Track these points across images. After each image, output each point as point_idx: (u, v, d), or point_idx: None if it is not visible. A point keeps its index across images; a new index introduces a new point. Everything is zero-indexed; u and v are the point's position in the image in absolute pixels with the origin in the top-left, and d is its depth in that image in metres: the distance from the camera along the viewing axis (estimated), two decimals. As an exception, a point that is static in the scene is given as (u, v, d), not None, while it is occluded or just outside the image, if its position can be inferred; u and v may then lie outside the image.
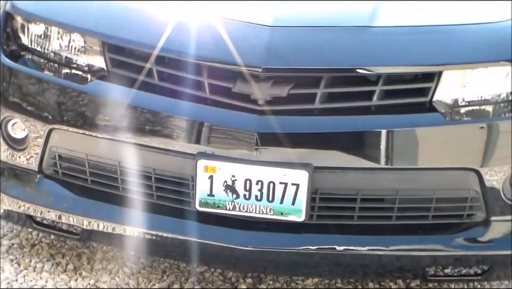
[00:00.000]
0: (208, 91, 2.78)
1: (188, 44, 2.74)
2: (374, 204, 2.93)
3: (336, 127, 2.74)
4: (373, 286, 3.39)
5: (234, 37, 2.72)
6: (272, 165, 2.75)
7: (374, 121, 2.77)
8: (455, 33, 2.86)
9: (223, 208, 2.83)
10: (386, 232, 2.93)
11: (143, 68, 2.82)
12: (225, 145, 2.78)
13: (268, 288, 3.34)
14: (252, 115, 2.74)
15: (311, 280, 3.40)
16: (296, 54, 2.75)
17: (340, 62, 2.74)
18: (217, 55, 2.73)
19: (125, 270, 3.40)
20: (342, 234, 2.91)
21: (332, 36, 2.81)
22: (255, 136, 2.71)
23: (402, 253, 2.95)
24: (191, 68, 2.76)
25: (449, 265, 3.08)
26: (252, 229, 2.88)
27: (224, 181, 2.79)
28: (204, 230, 2.91)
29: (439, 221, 2.95)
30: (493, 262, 3.02)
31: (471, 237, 2.96)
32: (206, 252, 2.94)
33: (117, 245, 3.26)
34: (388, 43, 2.80)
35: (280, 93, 2.72)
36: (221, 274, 3.41)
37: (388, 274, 3.16)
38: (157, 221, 2.96)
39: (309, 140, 2.76)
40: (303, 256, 2.93)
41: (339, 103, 2.77)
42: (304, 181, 2.73)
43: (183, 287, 3.31)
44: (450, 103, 2.79)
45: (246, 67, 2.68)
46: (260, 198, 2.78)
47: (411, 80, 2.83)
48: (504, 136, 2.83)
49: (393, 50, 2.79)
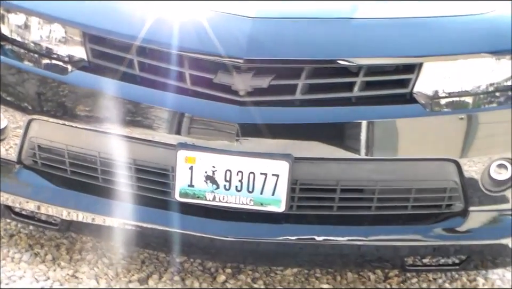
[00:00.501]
0: (189, 82, 2.77)
1: (169, 35, 2.73)
2: (353, 195, 2.95)
3: (317, 118, 2.75)
4: (351, 276, 3.40)
5: (216, 27, 2.72)
6: (253, 155, 2.75)
7: (354, 112, 2.78)
8: (436, 25, 2.87)
9: (203, 198, 2.83)
10: (365, 222, 2.95)
11: (124, 59, 2.81)
12: (206, 136, 2.78)
13: (247, 278, 3.34)
14: (233, 106, 2.74)
15: (290, 270, 3.41)
16: (277, 45, 2.74)
17: (321, 53, 2.75)
18: (198, 46, 2.73)
19: (104, 260, 3.39)
20: (322, 224, 2.92)
21: (314, 27, 2.81)
22: (236, 127, 2.71)
23: (381, 243, 2.97)
24: (172, 59, 2.75)
25: (428, 255, 3.10)
26: (231, 219, 2.88)
27: (204, 172, 2.79)
28: (183, 220, 2.91)
29: (418, 211, 2.98)
30: (470, 252, 3.05)
31: (449, 227, 2.99)
32: (186, 242, 2.94)
33: (96, 235, 3.25)
34: (369, 35, 2.80)
35: (261, 84, 2.72)
36: (200, 265, 3.42)
37: (366, 264, 3.17)
38: (136, 211, 2.95)
39: (289, 131, 2.77)
40: (283, 246, 2.94)
41: (320, 94, 2.78)
42: (284, 172, 2.74)
43: (162, 277, 3.31)
44: (430, 94, 2.81)
45: (227, 58, 2.68)
46: (240, 188, 2.79)
47: (392, 71, 2.84)
48: (484, 127, 2.86)
49: (374, 41, 2.80)
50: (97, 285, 3.21)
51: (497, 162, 2.92)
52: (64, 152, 3.00)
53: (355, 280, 3.39)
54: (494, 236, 3.03)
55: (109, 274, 3.29)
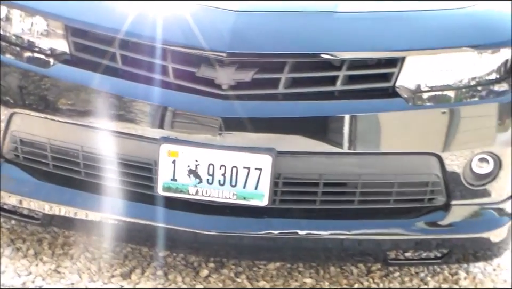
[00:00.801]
0: (172, 76, 2.77)
1: (152, 28, 2.72)
2: (336, 189, 2.95)
3: (299, 112, 2.75)
4: (334, 270, 3.41)
5: (199, 21, 2.72)
6: (236, 149, 2.75)
7: (337, 106, 2.78)
8: (418, 19, 2.88)
9: (186, 192, 2.83)
10: (348, 216, 2.96)
11: (107, 52, 2.80)
12: (189, 129, 2.78)
13: (230, 272, 3.34)
14: (216, 100, 2.73)
15: (273, 264, 3.41)
16: (261, 39, 2.74)
17: (304, 47, 2.75)
18: (181, 39, 2.72)
19: (87, 255, 3.38)
20: (305, 218, 2.93)
21: (297, 21, 2.82)
22: (219, 120, 2.71)
23: (364, 237, 2.99)
24: (155, 52, 2.74)
25: (410, 249, 3.11)
26: (214, 214, 2.88)
27: (187, 166, 2.78)
28: (166, 214, 2.90)
29: (400, 205, 2.99)
30: (452, 246, 3.07)
31: (431, 221, 3.00)
32: (169, 237, 2.94)
33: (79, 230, 3.24)
34: (352, 29, 2.81)
35: (244, 77, 2.72)
36: (183, 259, 3.41)
37: (349, 258, 3.18)
38: (119, 205, 2.94)
39: (272, 125, 2.77)
40: (266, 241, 2.94)
41: (303, 88, 2.78)
42: (267, 166, 2.74)
43: (145, 271, 3.30)
44: (413, 88, 2.82)
45: (210, 51, 2.67)
46: (223, 182, 2.79)
47: (374, 65, 2.85)
48: (466, 121, 2.87)
49: (357, 35, 2.81)
50: (80, 280, 3.19)
51: (479, 156, 2.93)
52: (46, 146, 2.99)
53: (338, 274, 3.39)
54: (476, 230, 3.05)
55: (92, 268, 3.28)
